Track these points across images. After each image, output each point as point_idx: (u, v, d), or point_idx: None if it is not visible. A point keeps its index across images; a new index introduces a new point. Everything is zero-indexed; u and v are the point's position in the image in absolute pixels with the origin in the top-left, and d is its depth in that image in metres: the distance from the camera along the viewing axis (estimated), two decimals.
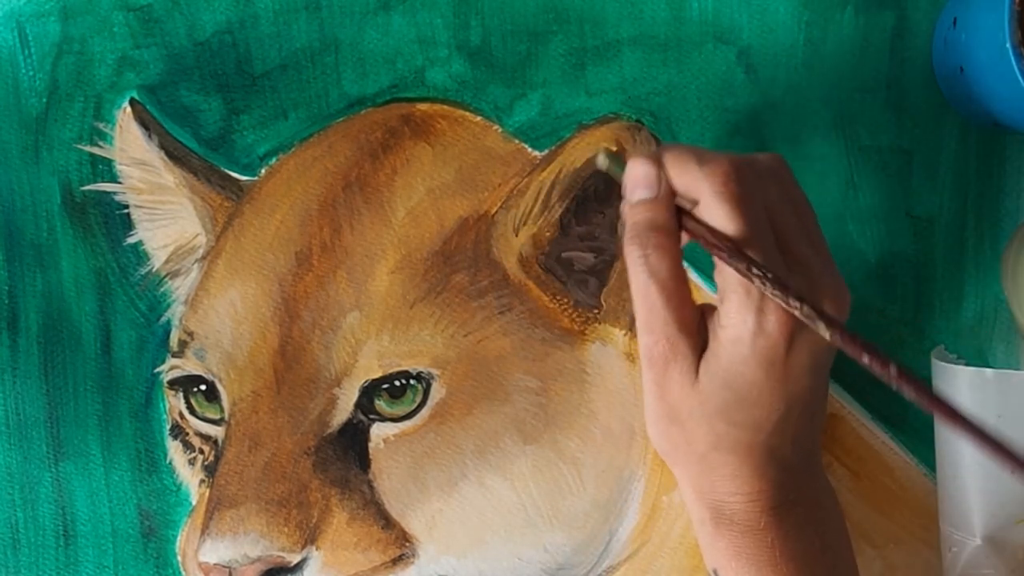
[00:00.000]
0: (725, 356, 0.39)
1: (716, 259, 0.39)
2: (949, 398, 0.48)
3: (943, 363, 0.49)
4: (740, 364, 0.39)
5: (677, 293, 0.40)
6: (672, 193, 0.40)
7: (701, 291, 0.50)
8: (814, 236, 0.41)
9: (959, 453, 0.49)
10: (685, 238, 0.41)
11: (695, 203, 0.40)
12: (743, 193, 0.39)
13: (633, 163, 0.41)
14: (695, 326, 0.40)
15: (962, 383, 0.49)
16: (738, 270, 0.38)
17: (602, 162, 0.43)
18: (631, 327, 0.51)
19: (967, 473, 0.49)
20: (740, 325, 0.38)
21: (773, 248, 0.39)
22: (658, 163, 0.41)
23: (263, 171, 0.51)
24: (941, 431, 0.50)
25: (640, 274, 0.40)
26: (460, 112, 0.51)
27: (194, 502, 0.52)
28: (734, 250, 0.38)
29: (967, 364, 0.50)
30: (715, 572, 0.42)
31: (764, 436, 0.40)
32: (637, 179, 0.41)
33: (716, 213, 0.39)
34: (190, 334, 0.51)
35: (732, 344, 0.39)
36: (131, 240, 0.52)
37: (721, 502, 0.41)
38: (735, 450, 0.40)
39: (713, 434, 0.40)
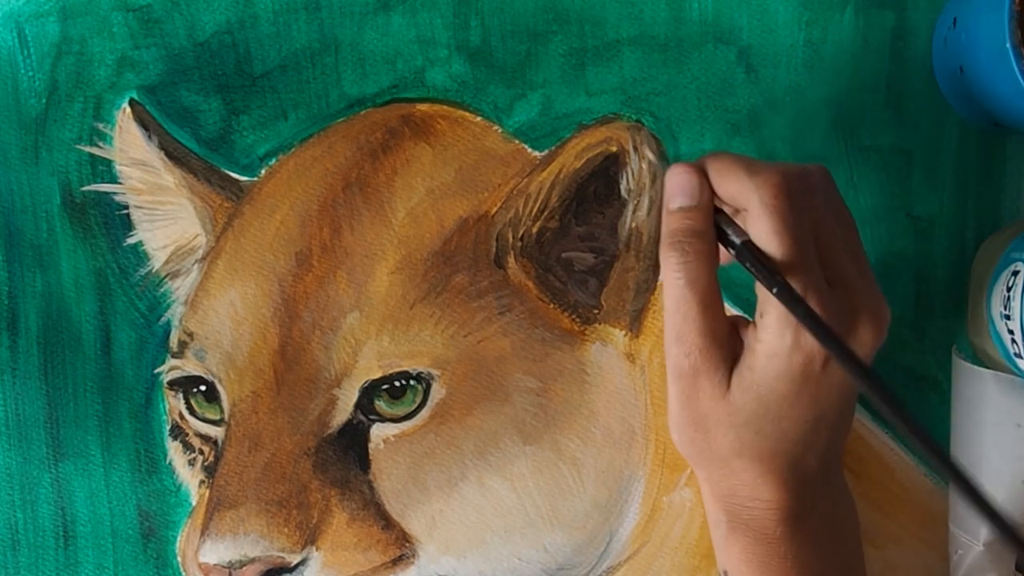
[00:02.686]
0: (760, 370, 0.39)
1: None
2: (971, 401, 0.49)
3: (967, 364, 0.49)
4: (774, 379, 0.39)
5: (714, 303, 0.40)
6: (711, 202, 0.41)
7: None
8: (857, 252, 0.41)
9: (975, 457, 0.49)
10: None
11: (736, 212, 0.40)
12: (792, 207, 0.39)
13: (673, 170, 0.41)
14: (727, 337, 0.40)
15: (988, 387, 0.49)
16: (764, 283, 0.38)
17: (650, 154, 0.45)
18: (631, 327, 0.50)
19: (981, 478, 0.49)
20: (777, 340, 0.38)
21: (816, 265, 0.39)
22: (699, 171, 0.41)
23: (263, 172, 0.51)
24: (957, 433, 0.50)
25: (677, 281, 0.40)
26: (460, 112, 0.51)
27: (194, 503, 0.52)
28: (766, 263, 0.38)
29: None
30: (725, 573, 0.42)
31: (789, 446, 0.40)
32: (677, 186, 0.41)
33: (763, 225, 0.39)
34: (190, 335, 0.51)
35: (768, 359, 0.39)
36: (131, 241, 0.52)
37: (739, 507, 0.41)
38: (759, 458, 0.40)
39: (739, 442, 0.40)
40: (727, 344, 0.40)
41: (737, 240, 0.40)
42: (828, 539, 0.42)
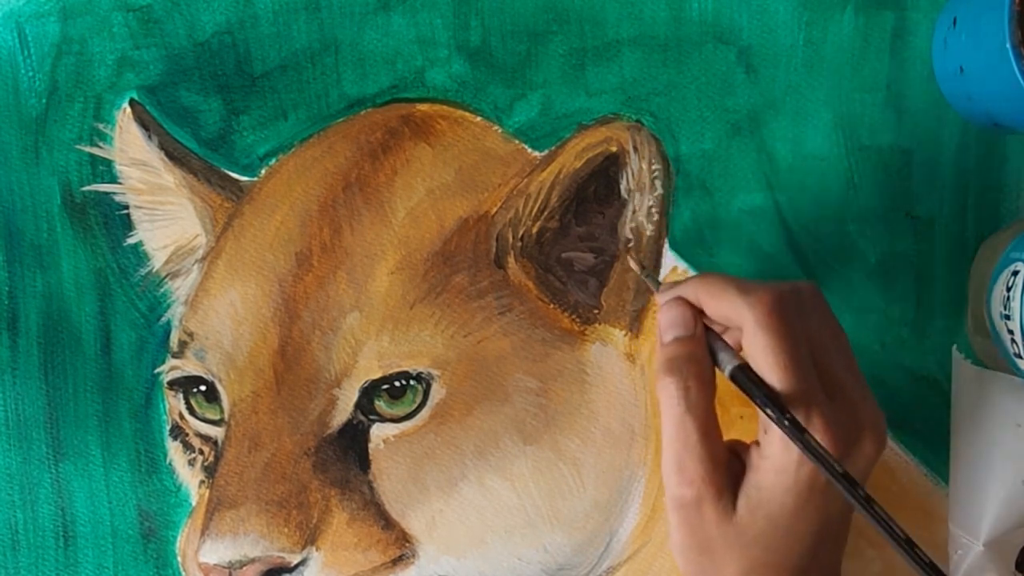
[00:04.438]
0: (767, 487, 0.39)
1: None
2: (971, 401, 0.49)
3: (968, 364, 0.49)
4: (783, 494, 0.39)
5: (714, 429, 0.40)
6: (705, 332, 0.41)
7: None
8: (852, 364, 0.41)
9: (976, 457, 0.49)
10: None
11: (725, 330, 0.41)
12: (787, 324, 0.39)
13: (666, 306, 0.42)
14: (728, 461, 0.40)
15: (988, 387, 0.49)
16: (759, 406, 0.38)
17: (635, 267, 0.46)
18: (631, 327, 0.50)
19: (981, 477, 0.49)
20: (783, 455, 0.38)
21: (815, 380, 0.39)
22: (690, 304, 0.41)
23: (263, 172, 0.51)
24: (957, 433, 0.50)
25: (676, 408, 0.40)
26: (460, 112, 0.51)
27: (194, 503, 0.52)
28: (760, 387, 0.38)
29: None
30: None
31: (795, 560, 0.40)
32: (671, 320, 0.41)
33: (759, 343, 0.39)
34: (190, 335, 0.51)
35: (775, 474, 0.39)
36: (131, 241, 0.52)
37: None
38: (764, 574, 0.40)
39: (747, 561, 0.40)
40: (729, 468, 0.40)
41: (728, 367, 0.40)
42: None
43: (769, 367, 0.39)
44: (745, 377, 0.39)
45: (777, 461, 0.39)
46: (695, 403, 0.40)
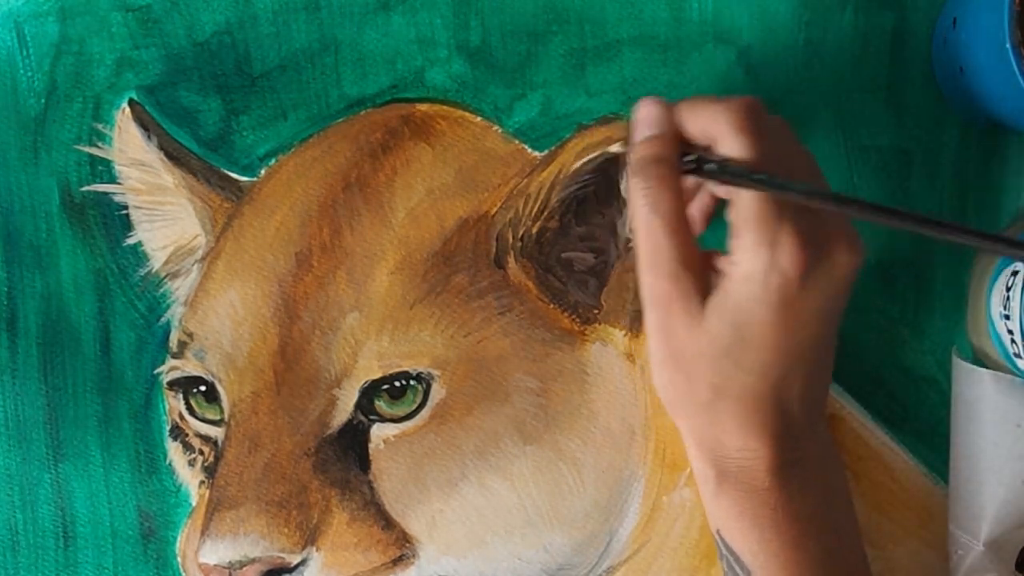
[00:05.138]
0: (735, 294, 0.39)
1: (731, 194, 0.39)
2: (970, 401, 0.49)
3: (967, 364, 0.49)
4: (751, 302, 0.39)
5: (680, 229, 0.40)
6: (676, 132, 0.41)
7: None
8: (822, 185, 0.41)
9: (975, 457, 0.49)
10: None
11: (707, 147, 0.41)
12: (761, 131, 0.39)
13: (639, 105, 0.42)
14: (699, 265, 0.40)
15: (988, 387, 0.49)
16: (753, 185, 0.38)
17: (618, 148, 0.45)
18: (631, 327, 0.51)
19: (981, 478, 0.49)
20: (753, 260, 0.38)
21: (792, 173, 0.40)
22: (664, 104, 0.42)
23: (263, 172, 0.51)
24: (957, 433, 0.50)
25: (643, 208, 0.40)
26: (460, 113, 0.51)
27: (194, 503, 0.52)
28: (752, 176, 0.39)
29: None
30: (718, 533, 0.42)
31: (771, 384, 0.40)
32: (642, 118, 0.42)
33: (734, 144, 0.39)
34: (190, 335, 0.51)
35: (744, 281, 0.39)
36: (130, 241, 0.52)
37: (725, 458, 0.41)
38: (741, 397, 0.40)
39: (719, 376, 0.40)
40: (700, 273, 0.40)
41: (714, 162, 0.40)
42: (818, 491, 0.42)
43: (746, 161, 0.39)
44: (728, 166, 0.39)
45: (745, 267, 0.39)
46: (659, 200, 0.40)
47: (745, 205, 0.39)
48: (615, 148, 0.49)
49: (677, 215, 0.40)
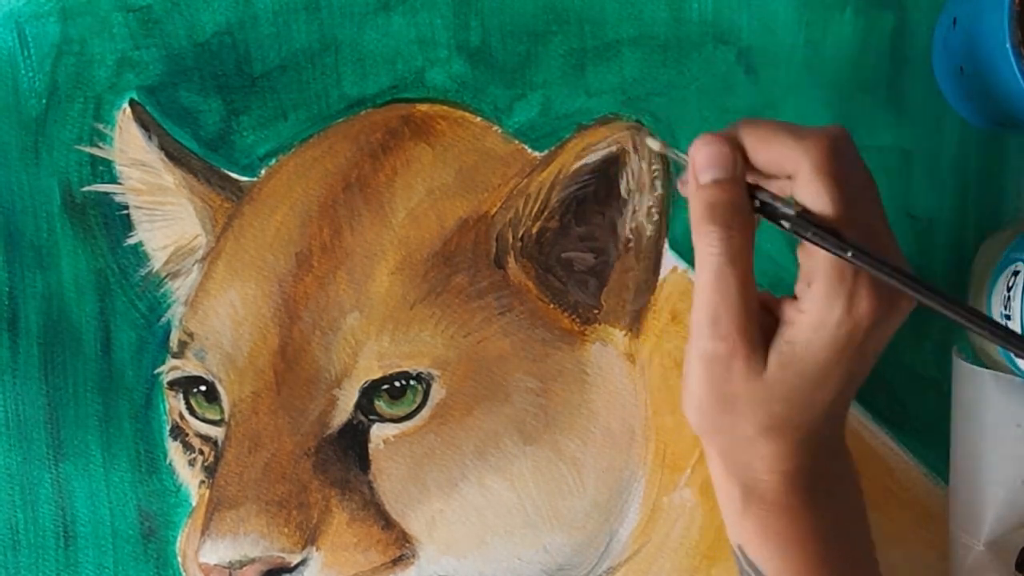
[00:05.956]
0: (802, 343, 0.38)
1: (804, 241, 0.37)
2: (971, 401, 0.49)
3: (967, 364, 0.49)
4: (818, 351, 0.37)
5: (752, 281, 0.38)
6: (745, 174, 0.39)
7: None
8: (883, 215, 0.40)
9: (975, 457, 0.49)
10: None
11: (771, 178, 0.39)
12: (842, 170, 0.37)
13: (702, 141, 0.39)
14: (760, 316, 0.39)
15: (988, 387, 0.49)
16: (830, 249, 0.36)
17: (654, 144, 0.41)
18: (631, 327, 0.50)
19: (981, 478, 0.49)
20: (826, 311, 0.37)
21: (864, 226, 0.38)
22: (730, 141, 0.39)
23: (263, 172, 0.51)
24: (957, 433, 0.50)
25: (718, 258, 0.38)
26: (460, 113, 0.51)
27: (194, 503, 0.52)
28: (827, 230, 0.36)
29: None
30: (740, 548, 0.42)
31: (814, 416, 0.39)
32: (708, 158, 0.39)
33: (816, 189, 0.37)
34: (190, 335, 0.51)
35: (813, 330, 0.37)
36: (131, 241, 0.52)
37: (755, 479, 0.40)
38: (783, 431, 0.39)
39: (769, 417, 0.39)
40: (761, 324, 0.39)
41: (791, 211, 0.37)
42: (839, 503, 0.41)
43: (828, 215, 0.37)
44: (809, 222, 0.37)
45: (817, 317, 0.37)
46: (738, 253, 0.38)
47: (821, 253, 0.37)
48: (615, 148, 0.49)
49: (750, 266, 0.38)
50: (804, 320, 0.38)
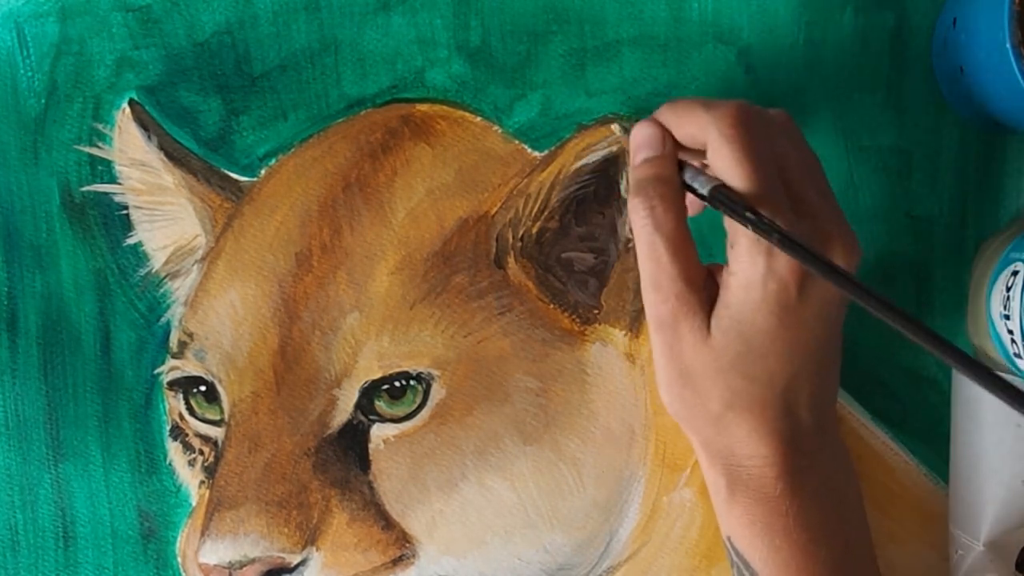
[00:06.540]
0: (736, 304, 0.39)
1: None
2: (971, 401, 0.49)
3: None
4: (752, 311, 0.38)
5: (684, 248, 0.40)
6: (675, 151, 0.41)
7: None
8: (822, 185, 0.41)
9: (975, 457, 0.49)
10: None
11: (698, 152, 0.40)
12: (752, 136, 0.39)
13: (636, 127, 0.42)
14: (703, 281, 0.40)
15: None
16: (738, 220, 0.37)
17: (618, 130, 0.46)
18: (631, 327, 0.51)
19: (981, 478, 0.49)
20: (750, 268, 0.38)
21: (781, 193, 0.39)
22: (659, 123, 0.41)
23: (263, 172, 0.51)
24: (957, 433, 0.50)
25: (645, 228, 0.40)
26: (460, 113, 0.51)
27: (194, 503, 0.52)
28: (736, 199, 0.38)
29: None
30: (729, 540, 0.42)
31: (779, 391, 0.40)
32: (641, 140, 0.41)
33: (724, 155, 0.38)
34: (190, 335, 0.51)
35: (743, 290, 0.38)
36: (130, 241, 0.52)
37: (737, 466, 0.41)
38: (751, 407, 0.40)
39: (728, 391, 0.39)
40: (704, 290, 0.40)
41: (706, 188, 0.39)
42: (829, 496, 0.41)
43: (733, 179, 0.38)
44: (722, 195, 0.38)
45: (743, 276, 0.38)
46: (662, 221, 0.39)
47: None
48: (615, 148, 0.49)
49: (680, 234, 0.40)
50: (734, 281, 0.39)
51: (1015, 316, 0.45)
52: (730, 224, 0.39)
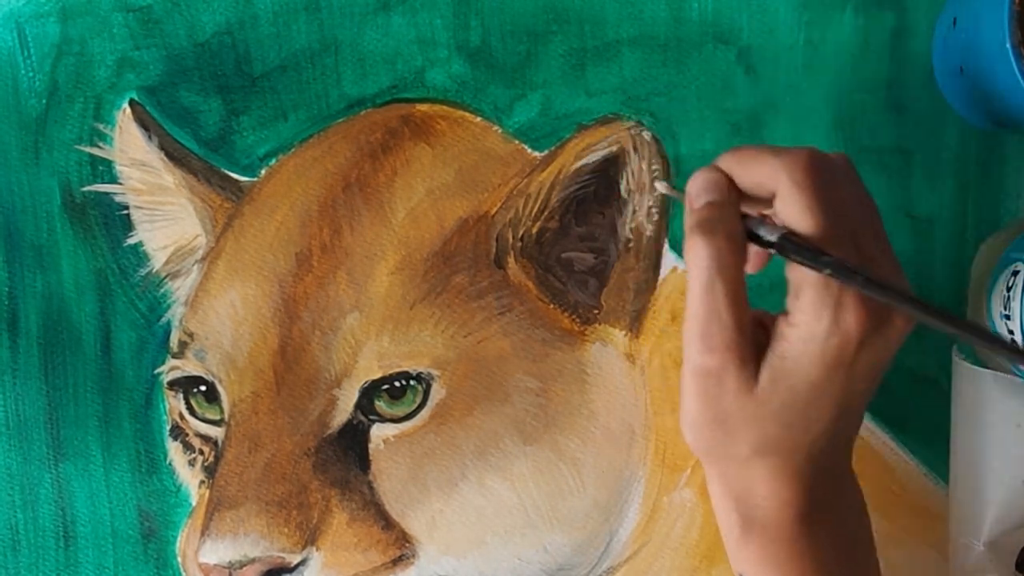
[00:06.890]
0: (792, 356, 0.37)
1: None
2: (971, 401, 0.49)
3: (967, 364, 0.49)
4: (808, 364, 0.37)
5: (742, 296, 0.38)
6: (739, 198, 0.39)
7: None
8: (881, 236, 0.39)
9: (976, 457, 0.49)
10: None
11: (757, 203, 0.39)
12: (823, 182, 0.37)
13: (697, 173, 0.40)
14: (752, 330, 0.38)
15: (989, 387, 0.49)
16: (812, 266, 0.36)
17: (661, 187, 0.45)
18: (631, 327, 0.50)
19: (981, 477, 0.49)
20: (814, 322, 0.37)
21: (848, 241, 0.37)
22: (721, 170, 0.39)
23: (263, 172, 0.51)
24: (957, 433, 0.50)
25: (708, 270, 0.38)
26: (460, 113, 0.51)
27: (194, 503, 0.52)
28: (809, 246, 0.37)
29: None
30: None
31: (812, 439, 0.39)
32: (703, 185, 0.39)
33: (795, 203, 0.37)
34: (190, 335, 0.51)
35: (803, 342, 0.37)
36: (131, 241, 0.52)
37: (754, 506, 0.40)
38: (779, 452, 0.39)
39: (763, 436, 0.38)
40: (753, 338, 0.38)
41: (775, 235, 0.38)
42: (843, 536, 0.41)
43: (803, 226, 0.37)
44: (792, 243, 0.37)
45: (805, 329, 0.37)
46: (726, 266, 0.37)
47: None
48: (615, 148, 0.49)
49: (741, 281, 0.38)
50: (793, 333, 0.37)
51: (1015, 316, 0.45)
52: (794, 274, 0.38)
